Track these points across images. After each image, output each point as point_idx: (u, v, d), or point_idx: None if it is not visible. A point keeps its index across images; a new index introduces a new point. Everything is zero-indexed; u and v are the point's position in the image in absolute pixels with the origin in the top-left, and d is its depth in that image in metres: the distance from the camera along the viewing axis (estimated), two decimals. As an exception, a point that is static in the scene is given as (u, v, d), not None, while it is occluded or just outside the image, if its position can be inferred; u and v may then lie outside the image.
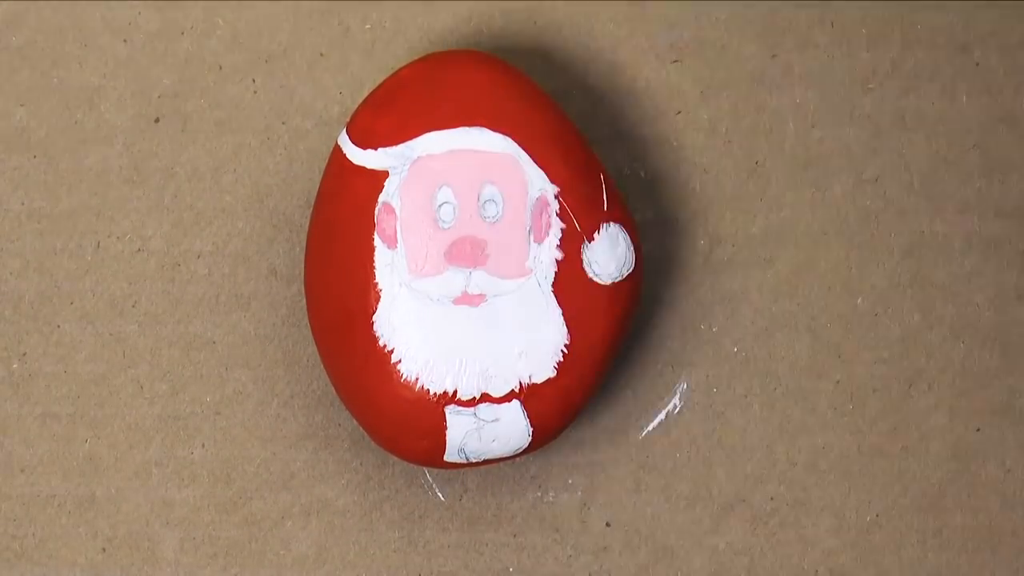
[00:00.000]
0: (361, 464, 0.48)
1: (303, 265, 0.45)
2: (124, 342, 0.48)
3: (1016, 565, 0.48)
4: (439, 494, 0.48)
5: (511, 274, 0.43)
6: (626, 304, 0.44)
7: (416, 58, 0.45)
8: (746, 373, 0.48)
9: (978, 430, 0.48)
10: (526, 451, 0.44)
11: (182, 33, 0.48)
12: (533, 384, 0.43)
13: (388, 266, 0.43)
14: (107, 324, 0.48)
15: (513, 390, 0.43)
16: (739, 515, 0.48)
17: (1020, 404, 0.48)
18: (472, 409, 0.43)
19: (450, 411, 0.43)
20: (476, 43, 0.48)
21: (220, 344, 0.48)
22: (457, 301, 0.43)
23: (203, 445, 0.48)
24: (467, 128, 0.43)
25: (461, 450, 0.44)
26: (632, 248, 0.44)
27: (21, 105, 0.48)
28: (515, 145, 0.43)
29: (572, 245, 0.44)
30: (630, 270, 0.44)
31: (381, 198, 0.43)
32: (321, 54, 0.48)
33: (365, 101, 0.44)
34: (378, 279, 0.43)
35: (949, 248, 0.48)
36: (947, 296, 0.48)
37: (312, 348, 0.47)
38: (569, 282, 0.43)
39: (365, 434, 0.46)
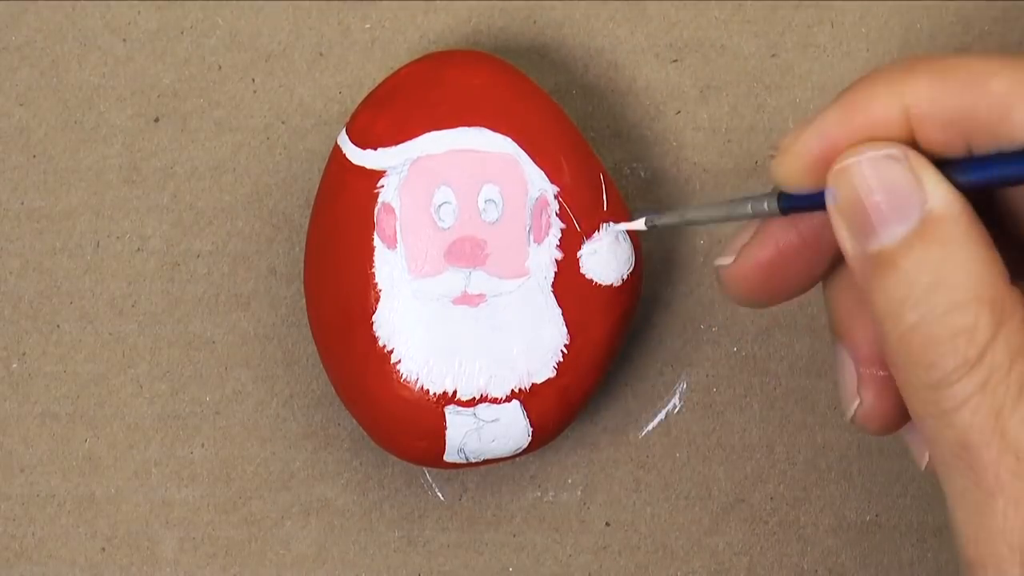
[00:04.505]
0: (361, 464, 0.48)
1: (303, 265, 0.45)
2: (124, 342, 0.48)
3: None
4: (439, 494, 0.48)
5: (511, 274, 0.43)
6: (626, 304, 0.44)
7: (416, 58, 0.45)
8: (746, 373, 0.48)
9: (978, 430, 0.48)
10: (526, 451, 0.44)
11: (181, 32, 0.48)
12: (533, 384, 0.43)
13: (388, 266, 0.43)
14: (107, 324, 0.48)
15: (513, 390, 0.43)
16: (739, 515, 0.48)
17: (1020, 404, 0.48)
18: (472, 409, 0.43)
19: (450, 411, 0.43)
20: (476, 43, 0.48)
21: (220, 344, 0.48)
22: (457, 301, 0.43)
23: (203, 445, 0.48)
24: (467, 128, 0.43)
25: (461, 450, 0.44)
26: (632, 248, 0.44)
27: (21, 105, 0.48)
28: (515, 145, 0.43)
29: (572, 245, 0.43)
30: (630, 270, 0.44)
31: (381, 198, 0.43)
32: (321, 54, 0.48)
33: (365, 101, 0.44)
34: (378, 279, 0.43)
35: (949, 248, 0.48)
36: (947, 296, 0.48)
37: (312, 348, 0.47)
38: (569, 282, 0.43)
39: (365, 434, 0.46)
